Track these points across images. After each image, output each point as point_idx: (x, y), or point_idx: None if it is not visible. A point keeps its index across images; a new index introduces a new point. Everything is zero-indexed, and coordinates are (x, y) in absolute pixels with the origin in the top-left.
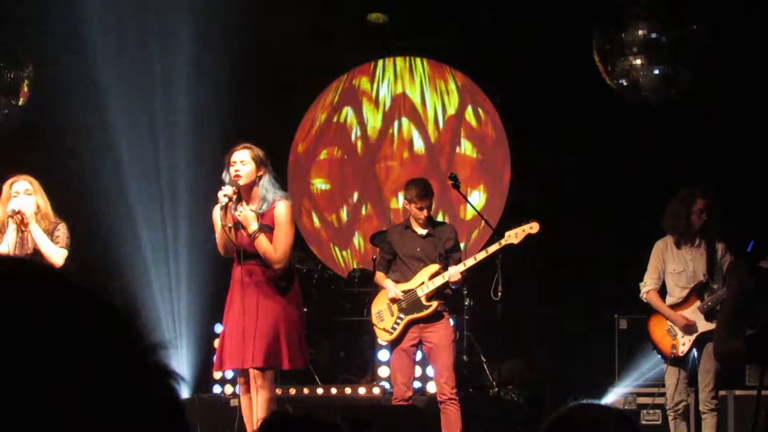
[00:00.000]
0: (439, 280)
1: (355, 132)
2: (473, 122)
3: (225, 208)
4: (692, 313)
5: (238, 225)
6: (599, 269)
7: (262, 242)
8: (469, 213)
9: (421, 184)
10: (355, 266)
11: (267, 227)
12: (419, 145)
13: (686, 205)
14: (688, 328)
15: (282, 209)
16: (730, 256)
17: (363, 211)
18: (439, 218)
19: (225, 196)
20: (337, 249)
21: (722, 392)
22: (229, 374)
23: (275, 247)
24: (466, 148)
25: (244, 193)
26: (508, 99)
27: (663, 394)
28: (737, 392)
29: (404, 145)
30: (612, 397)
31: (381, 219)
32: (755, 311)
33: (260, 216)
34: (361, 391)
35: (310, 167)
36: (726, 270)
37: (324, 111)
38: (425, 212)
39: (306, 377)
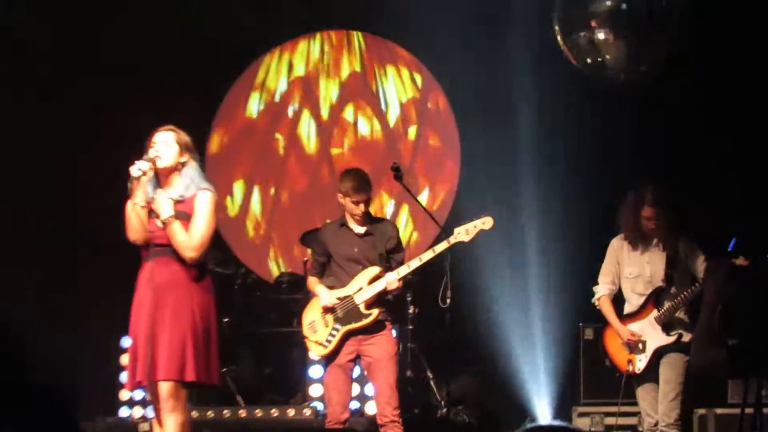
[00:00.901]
0: (379, 285)
1: (296, 118)
2: (429, 105)
3: (138, 183)
4: (649, 324)
5: (151, 213)
6: (563, 272)
7: (176, 230)
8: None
9: (356, 175)
10: (284, 270)
11: (184, 214)
12: (366, 132)
13: (634, 210)
14: (635, 345)
15: (205, 197)
16: (703, 256)
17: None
18: (382, 216)
19: (139, 170)
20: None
21: (701, 410)
22: (139, 394)
23: (191, 235)
24: (423, 134)
25: (162, 178)
26: (459, 85)
27: (636, 414)
28: (718, 411)
29: (354, 133)
30: (576, 417)
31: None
32: (737, 318)
33: (178, 203)
34: (290, 413)
35: (232, 160)
36: (698, 271)
37: (255, 91)
38: (362, 207)
39: (226, 397)
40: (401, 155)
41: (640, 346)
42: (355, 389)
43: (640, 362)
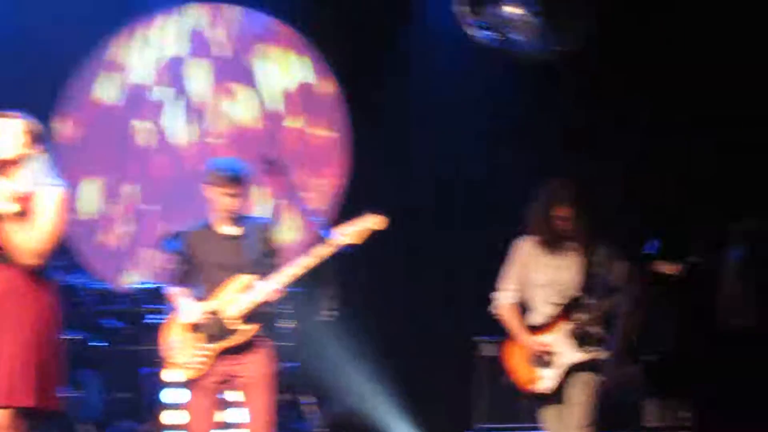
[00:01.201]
0: (254, 296)
1: (160, 103)
2: (317, 91)
3: None
4: (560, 337)
5: None
6: (459, 279)
7: (14, 228)
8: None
9: (228, 163)
10: (141, 279)
11: (24, 212)
12: (243, 120)
13: (545, 210)
14: (543, 359)
15: (52, 194)
16: (622, 261)
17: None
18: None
19: None
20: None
21: None
22: None
23: (33, 237)
24: (309, 123)
25: (1, 169)
26: (352, 70)
27: None
28: None
29: (230, 120)
30: None
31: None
32: (657, 330)
33: (19, 200)
34: None
35: (83, 152)
36: (617, 279)
37: (110, 73)
38: (234, 203)
39: (65, 425)
40: (283, 146)
41: (549, 359)
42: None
43: (548, 381)
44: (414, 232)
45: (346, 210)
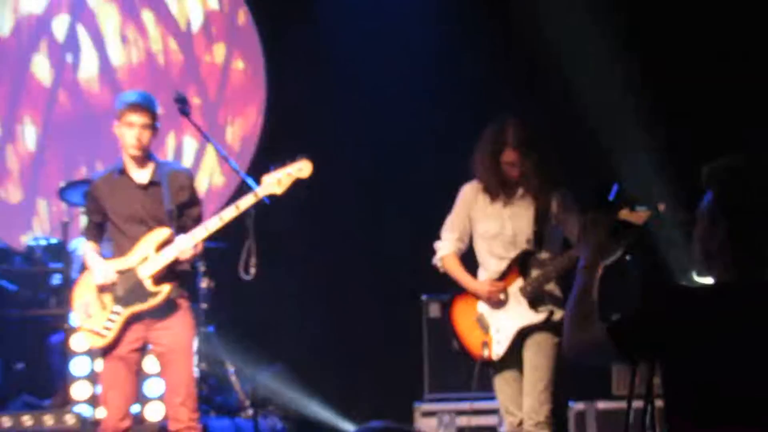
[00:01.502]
0: (170, 252)
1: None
2: (236, 20)
3: None
4: (511, 296)
5: None
6: (400, 233)
7: None
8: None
9: (137, 92)
10: (39, 234)
11: None
12: (158, 52)
13: (492, 151)
14: (497, 302)
15: None
16: (578, 209)
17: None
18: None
19: None
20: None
21: (579, 405)
22: None
23: None
24: (230, 56)
25: None
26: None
27: (495, 411)
28: (600, 405)
29: (144, 53)
30: (419, 417)
31: None
32: (621, 287)
33: None
34: (48, 420)
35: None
36: (574, 230)
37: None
38: (142, 136)
39: None
40: (205, 82)
41: (503, 298)
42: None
43: (499, 345)
44: (346, 176)
45: (270, 154)
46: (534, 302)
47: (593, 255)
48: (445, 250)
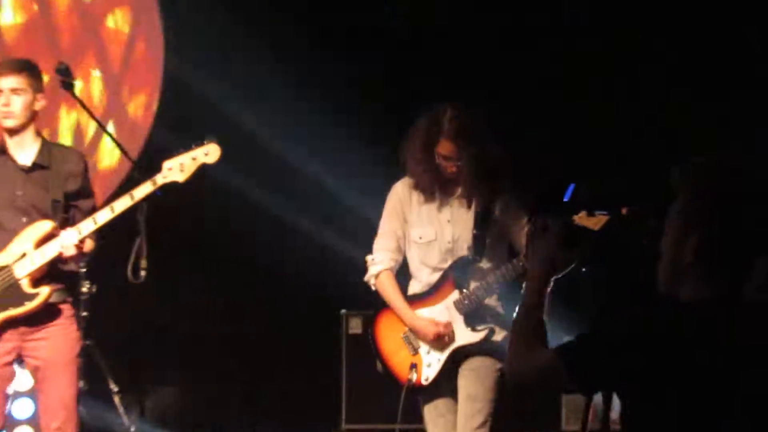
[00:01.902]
0: (52, 249)
1: None
2: None
3: None
4: (445, 311)
5: None
6: (316, 234)
7: None
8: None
9: (11, 58)
10: None
11: None
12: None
13: (426, 143)
14: (438, 341)
15: None
16: (526, 211)
17: None
18: None
19: None
20: None
21: None
22: None
23: None
24: (117, 19)
25: None
26: None
27: None
28: None
29: (27, 12)
30: None
31: None
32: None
33: None
34: None
35: None
36: (521, 236)
37: None
38: (18, 102)
39: None
40: (107, 52)
41: (446, 339)
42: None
43: (429, 368)
44: (253, 167)
45: (173, 137)
46: (471, 319)
47: (542, 266)
48: (379, 266)
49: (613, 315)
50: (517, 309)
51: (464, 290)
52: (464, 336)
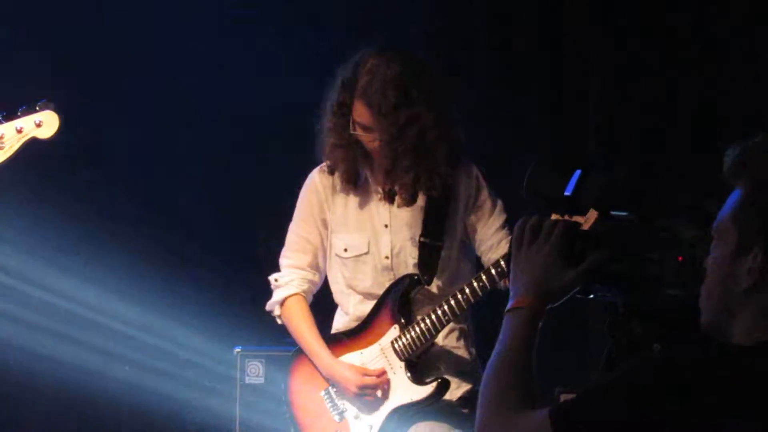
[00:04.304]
0: None
1: None
2: None
3: None
4: (379, 355)
5: None
6: (207, 244)
7: None
8: None
9: None
10: None
11: None
12: None
13: (339, 107)
14: (365, 400)
15: None
16: (504, 213)
17: None
18: None
19: None
20: None
21: None
22: None
23: None
24: None
25: None
26: None
27: None
28: None
29: None
30: None
31: None
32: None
33: None
34: None
35: None
36: (497, 245)
37: None
38: None
39: None
40: None
41: (381, 397)
42: None
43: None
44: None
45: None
46: (417, 367)
47: (534, 290)
48: (287, 290)
49: (635, 363)
50: (493, 353)
51: (407, 326)
52: (406, 392)
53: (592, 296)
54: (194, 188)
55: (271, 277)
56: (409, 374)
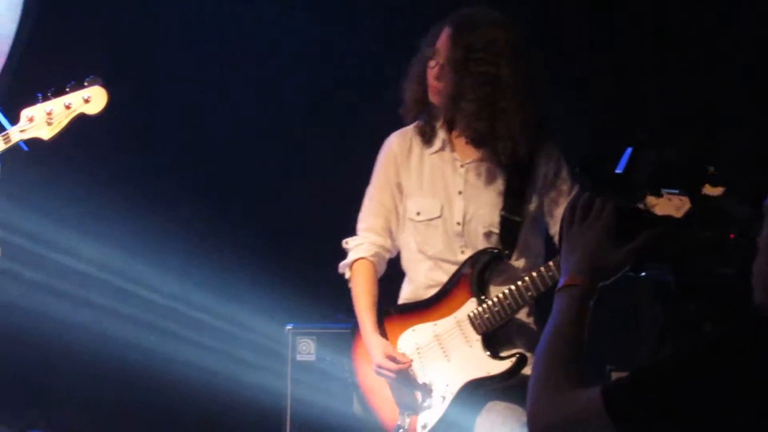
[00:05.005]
0: None
1: None
2: None
3: None
4: (455, 329)
5: None
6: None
7: None
8: None
9: None
10: None
11: None
12: None
13: (420, 68)
14: (434, 373)
15: None
16: (572, 186)
17: None
18: None
19: None
20: None
21: None
22: None
23: None
24: None
25: None
26: None
27: None
28: None
29: None
30: None
31: None
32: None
33: None
34: None
35: None
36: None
37: None
38: None
39: None
40: None
41: (444, 377)
42: None
43: (431, 411)
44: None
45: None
46: (494, 341)
47: (586, 267)
48: (355, 254)
49: (688, 342)
50: (545, 331)
51: (485, 299)
52: (483, 365)
53: (643, 274)
54: (246, 162)
55: (344, 241)
56: (486, 348)
